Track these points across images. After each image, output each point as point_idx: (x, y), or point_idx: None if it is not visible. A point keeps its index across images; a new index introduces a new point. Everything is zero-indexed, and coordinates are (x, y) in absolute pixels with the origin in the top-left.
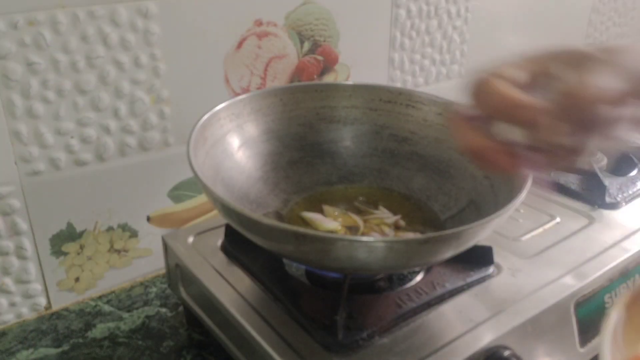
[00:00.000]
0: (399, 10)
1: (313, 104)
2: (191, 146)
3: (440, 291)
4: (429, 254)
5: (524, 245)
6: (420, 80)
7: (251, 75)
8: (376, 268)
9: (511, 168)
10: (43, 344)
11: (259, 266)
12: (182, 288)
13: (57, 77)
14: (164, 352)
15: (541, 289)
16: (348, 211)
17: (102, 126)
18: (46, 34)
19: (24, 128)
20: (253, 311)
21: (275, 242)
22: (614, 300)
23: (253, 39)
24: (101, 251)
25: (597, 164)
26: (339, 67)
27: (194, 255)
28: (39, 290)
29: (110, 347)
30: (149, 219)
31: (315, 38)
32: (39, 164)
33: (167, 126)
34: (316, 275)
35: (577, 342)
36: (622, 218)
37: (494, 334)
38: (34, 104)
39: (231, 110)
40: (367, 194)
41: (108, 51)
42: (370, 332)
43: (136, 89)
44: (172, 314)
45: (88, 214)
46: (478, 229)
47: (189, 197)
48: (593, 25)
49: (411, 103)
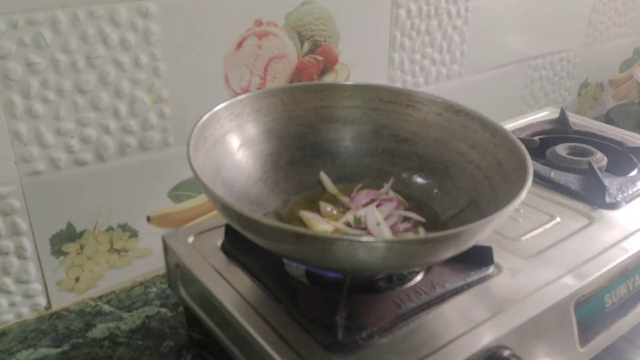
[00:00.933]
0: (399, 10)
1: (313, 104)
2: (191, 146)
3: (440, 291)
4: (429, 254)
5: (523, 245)
6: (420, 80)
7: (251, 75)
8: (376, 268)
9: None
10: (43, 344)
11: (259, 266)
12: (182, 288)
13: (57, 77)
14: (164, 352)
15: (541, 289)
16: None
17: (102, 126)
18: (46, 34)
19: (24, 128)
20: (253, 311)
21: (275, 242)
22: (613, 300)
23: (253, 38)
24: (101, 251)
25: (597, 164)
26: (339, 67)
27: (194, 255)
28: (39, 290)
29: (110, 347)
30: (149, 219)
31: (315, 38)
32: (39, 164)
33: (167, 126)
34: (316, 275)
35: (577, 342)
36: (622, 218)
37: (493, 334)
38: (34, 104)
39: (231, 110)
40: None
41: (108, 51)
42: (370, 332)
43: (136, 88)
44: (172, 314)
45: (88, 214)
46: (478, 229)
47: (189, 197)
48: (593, 25)
49: (411, 103)
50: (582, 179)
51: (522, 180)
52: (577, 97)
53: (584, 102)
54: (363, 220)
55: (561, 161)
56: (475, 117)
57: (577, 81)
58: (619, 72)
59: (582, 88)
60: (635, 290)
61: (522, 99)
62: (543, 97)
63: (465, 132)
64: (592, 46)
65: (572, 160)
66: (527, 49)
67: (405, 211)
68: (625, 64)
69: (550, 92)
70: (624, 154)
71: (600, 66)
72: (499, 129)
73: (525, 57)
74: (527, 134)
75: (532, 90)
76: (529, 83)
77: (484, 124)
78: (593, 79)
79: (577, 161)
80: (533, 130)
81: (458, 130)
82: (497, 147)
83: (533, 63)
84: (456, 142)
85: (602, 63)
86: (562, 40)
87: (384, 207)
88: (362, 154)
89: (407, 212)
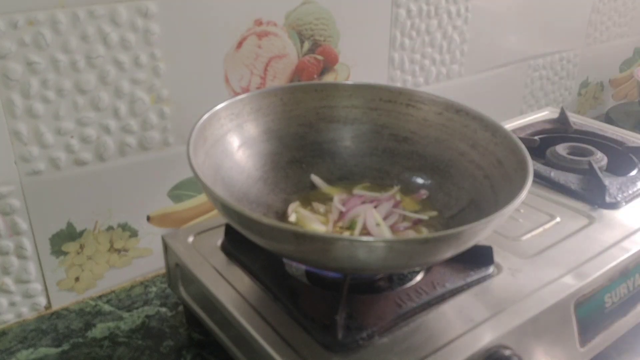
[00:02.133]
0: (399, 10)
1: (313, 103)
2: (191, 146)
3: (440, 291)
4: (429, 253)
5: (524, 245)
6: (420, 80)
7: (251, 75)
8: (376, 268)
9: None
10: (43, 344)
11: (259, 266)
12: (182, 288)
13: (57, 77)
14: (164, 351)
15: (541, 289)
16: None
17: (102, 126)
18: (46, 34)
19: (24, 128)
20: (253, 311)
21: (275, 242)
22: (613, 300)
23: (253, 38)
24: (101, 251)
25: (597, 163)
26: (339, 66)
27: (194, 255)
28: (39, 289)
29: (110, 346)
30: (149, 218)
31: (315, 38)
32: (39, 163)
33: (167, 126)
34: (316, 275)
35: (577, 342)
36: (622, 218)
37: (494, 334)
38: (34, 103)
39: (231, 110)
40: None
41: (108, 51)
42: (370, 332)
43: (136, 88)
44: (172, 313)
45: (88, 214)
46: (478, 229)
47: (189, 197)
48: (593, 25)
49: (411, 103)
50: (582, 179)
51: (523, 180)
52: (577, 96)
53: (584, 102)
54: (360, 224)
55: (561, 161)
56: (476, 116)
57: (577, 81)
58: (619, 72)
59: (582, 88)
60: (635, 290)
61: (522, 99)
62: (543, 97)
63: (466, 131)
64: (592, 46)
65: (572, 160)
66: (527, 48)
67: (404, 210)
68: (625, 64)
69: (550, 92)
70: (624, 154)
71: (601, 66)
72: (500, 129)
73: (526, 56)
74: (527, 133)
75: (532, 89)
76: (529, 83)
77: (484, 123)
78: (593, 78)
79: (577, 161)
80: (533, 129)
81: (458, 129)
82: (498, 147)
83: (533, 63)
84: (456, 142)
85: (602, 63)
86: (562, 40)
87: (382, 207)
88: (362, 153)
89: (407, 212)
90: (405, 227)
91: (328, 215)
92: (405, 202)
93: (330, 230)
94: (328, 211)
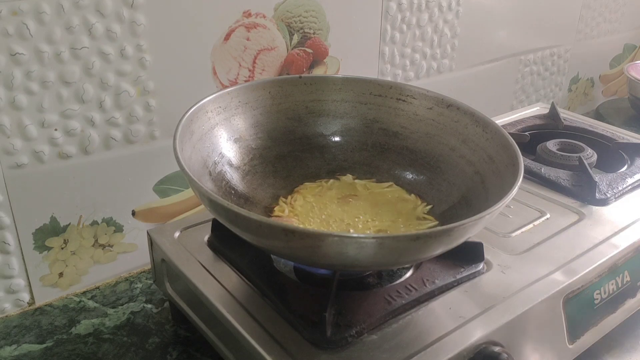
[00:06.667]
0: (390, 3)
1: (302, 97)
2: (177, 139)
3: (430, 287)
4: (419, 250)
5: (513, 242)
6: (410, 74)
7: (239, 68)
8: (366, 264)
9: None
10: (26, 340)
11: (247, 262)
12: (168, 284)
13: (41, 68)
14: (150, 348)
15: (531, 285)
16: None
17: (86, 118)
18: (30, 24)
19: (7, 120)
20: (240, 307)
21: (264, 238)
22: (602, 297)
23: (241, 30)
24: (85, 246)
25: (587, 160)
26: (328, 60)
27: (180, 250)
28: (22, 285)
29: (94, 343)
30: (134, 213)
31: (304, 30)
32: (22, 156)
33: (153, 119)
34: (305, 272)
35: (566, 338)
36: (611, 214)
37: (483, 330)
38: (17, 95)
39: (218, 103)
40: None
41: (93, 42)
42: (359, 328)
43: (121, 80)
44: (157, 310)
45: (72, 208)
46: (469, 226)
47: (175, 192)
48: (584, 20)
49: (402, 97)
50: (573, 175)
51: (513, 177)
52: (567, 92)
53: (574, 98)
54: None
55: (551, 157)
56: (467, 111)
57: (567, 77)
58: (609, 68)
59: (573, 83)
60: (624, 286)
61: (512, 94)
62: (534, 93)
63: (456, 126)
64: (583, 42)
65: (563, 156)
66: (518, 43)
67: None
68: (615, 60)
69: (540, 88)
70: (614, 150)
71: (591, 62)
72: (490, 124)
73: (516, 52)
74: (518, 129)
75: (523, 85)
76: (519, 78)
77: (475, 118)
78: (583, 74)
79: (568, 157)
80: (524, 125)
81: (449, 124)
82: (488, 142)
83: (524, 58)
84: (447, 137)
85: (592, 59)
86: (553, 36)
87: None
88: (352, 148)
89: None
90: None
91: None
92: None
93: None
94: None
